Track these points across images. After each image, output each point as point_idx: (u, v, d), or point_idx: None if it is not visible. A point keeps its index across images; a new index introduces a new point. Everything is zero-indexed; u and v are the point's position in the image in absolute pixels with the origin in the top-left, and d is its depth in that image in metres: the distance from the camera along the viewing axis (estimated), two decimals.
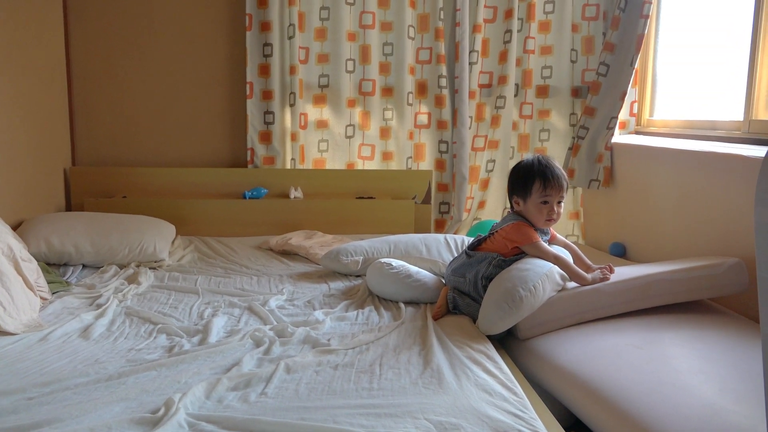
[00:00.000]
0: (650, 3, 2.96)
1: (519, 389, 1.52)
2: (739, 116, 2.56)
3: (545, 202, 2.08)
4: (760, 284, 0.97)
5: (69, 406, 1.41)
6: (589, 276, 2.05)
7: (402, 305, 2.15)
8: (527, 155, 3.47)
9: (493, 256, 2.09)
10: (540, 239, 2.09)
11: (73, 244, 2.61)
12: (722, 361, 1.65)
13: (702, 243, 2.46)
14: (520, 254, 2.09)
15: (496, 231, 2.16)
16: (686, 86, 3.06)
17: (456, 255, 2.37)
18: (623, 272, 2.10)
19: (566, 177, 2.13)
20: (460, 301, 2.08)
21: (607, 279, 2.04)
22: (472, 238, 2.28)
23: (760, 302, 0.97)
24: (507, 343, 2.03)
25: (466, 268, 2.14)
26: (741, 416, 1.36)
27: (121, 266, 2.61)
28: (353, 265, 2.53)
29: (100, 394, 1.47)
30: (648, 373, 1.59)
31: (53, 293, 2.22)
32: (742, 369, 1.59)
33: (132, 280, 2.43)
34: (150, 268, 2.60)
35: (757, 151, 2.23)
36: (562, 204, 2.13)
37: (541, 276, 1.94)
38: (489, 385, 1.53)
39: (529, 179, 2.09)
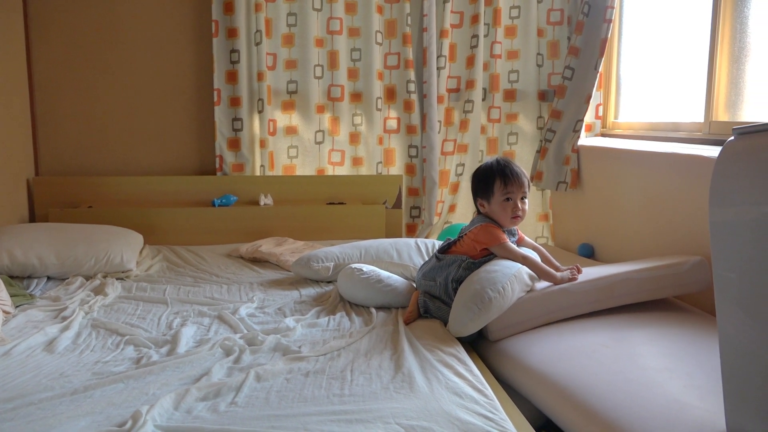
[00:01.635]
0: (613, 8, 3.02)
1: (489, 391, 1.53)
2: (700, 118, 2.62)
3: (508, 199, 2.11)
4: (716, 281, 1.00)
5: (33, 421, 1.37)
6: (558, 275, 2.08)
7: (373, 310, 2.15)
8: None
9: (463, 258, 2.11)
10: (507, 240, 2.11)
11: (37, 255, 2.55)
12: (687, 358, 1.68)
13: (667, 242, 2.51)
14: (489, 256, 2.10)
15: (465, 234, 2.17)
16: (649, 89, 3.12)
17: (427, 259, 2.38)
18: (590, 272, 2.13)
19: (527, 175, 2.17)
20: (431, 305, 2.09)
21: (575, 279, 2.07)
22: (443, 242, 2.29)
23: (717, 298, 0.99)
24: (478, 345, 2.04)
25: (437, 271, 2.15)
26: (705, 411, 1.39)
27: (87, 277, 2.56)
28: (324, 271, 2.53)
29: (66, 408, 1.44)
30: (615, 371, 1.62)
31: (16, 306, 2.17)
32: (707, 365, 1.62)
33: (98, 291, 2.39)
34: (117, 279, 2.55)
35: (716, 152, 2.28)
36: (527, 201, 2.15)
37: (510, 277, 1.96)
38: (459, 388, 1.53)
39: (490, 179, 2.13)
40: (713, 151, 2.31)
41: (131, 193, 3.23)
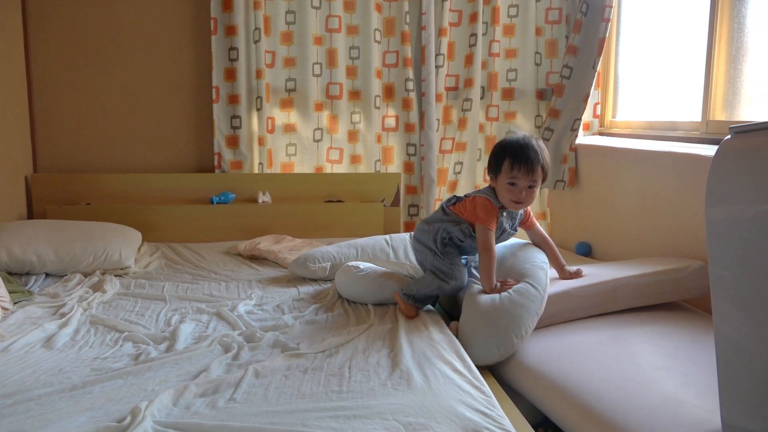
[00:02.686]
0: (611, 7, 3.03)
1: (487, 388, 1.54)
2: (698, 117, 2.63)
3: (513, 183, 2.00)
4: (712, 279, 1.00)
5: (32, 417, 1.38)
6: (490, 285, 2.00)
7: (371, 307, 2.16)
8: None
9: (464, 223, 2.10)
10: (493, 229, 2.05)
11: (36, 252, 2.56)
12: (685, 356, 1.69)
13: (664, 241, 2.52)
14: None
15: (470, 197, 2.13)
16: (647, 88, 3.13)
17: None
18: (592, 276, 2.13)
19: (542, 161, 1.99)
20: (415, 291, 2.06)
21: (503, 290, 1.96)
22: (450, 197, 2.26)
23: (713, 296, 1.00)
24: None
25: (436, 222, 2.15)
26: (701, 409, 1.40)
27: (86, 274, 2.57)
28: (321, 271, 2.53)
29: (65, 404, 1.44)
30: (613, 370, 1.63)
31: (15, 303, 2.17)
32: (704, 364, 1.63)
33: (97, 288, 2.39)
34: (115, 276, 2.56)
35: (713, 151, 2.29)
36: (535, 189, 2.02)
37: (533, 315, 1.89)
38: (457, 384, 1.54)
39: (501, 156, 2.01)
40: (710, 150, 2.32)
41: (130, 190, 3.23)
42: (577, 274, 2.11)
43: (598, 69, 3.11)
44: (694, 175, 2.33)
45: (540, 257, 2.12)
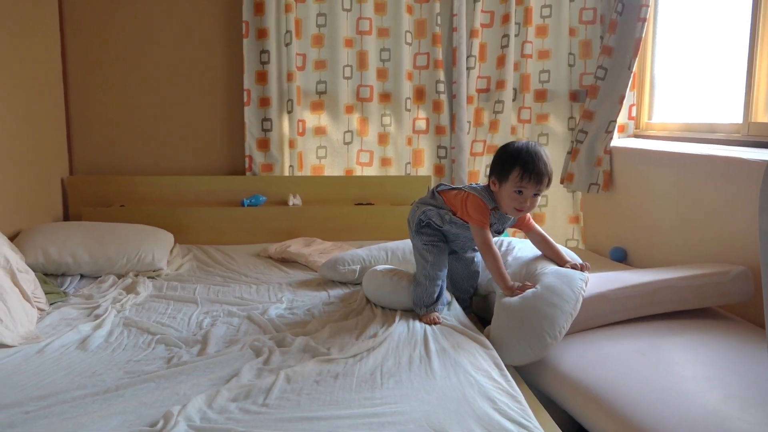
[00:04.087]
0: (647, 6, 2.96)
1: (521, 397, 1.51)
2: (739, 119, 2.56)
3: (520, 192, 1.99)
4: (765, 290, 0.96)
5: (66, 419, 1.39)
6: (509, 284, 1.99)
7: (398, 312, 2.14)
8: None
9: (449, 211, 2.13)
10: (488, 229, 2.06)
11: (71, 254, 2.59)
12: (727, 367, 1.63)
13: (702, 247, 2.45)
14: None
15: (463, 190, 2.13)
16: (685, 89, 3.05)
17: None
18: (629, 278, 2.08)
19: (550, 172, 2.01)
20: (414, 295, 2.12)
21: (523, 291, 1.94)
22: (444, 183, 2.28)
23: (766, 308, 0.96)
24: None
25: (425, 204, 2.20)
26: (747, 423, 1.34)
27: (119, 276, 2.59)
28: (350, 274, 2.52)
29: (98, 407, 1.45)
30: (652, 379, 1.58)
31: (51, 304, 2.21)
32: (748, 376, 1.57)
33: (130, 290, 2.41)
34: (148, 278, 2.58)
35: (756, 154, 2.23)
36: (539, 198, 2.04)
37: (567, 316, 1.86)
38: (492, 393, 1.51)
39: (510, 164, 2.00)
40: (753, 154, 2.25)
41: (162, 192, 3.26)
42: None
43: (633, 70, 3.04)
44: (736, 179, 2.26)
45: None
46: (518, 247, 2.29)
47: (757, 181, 2.08)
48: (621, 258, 3.02)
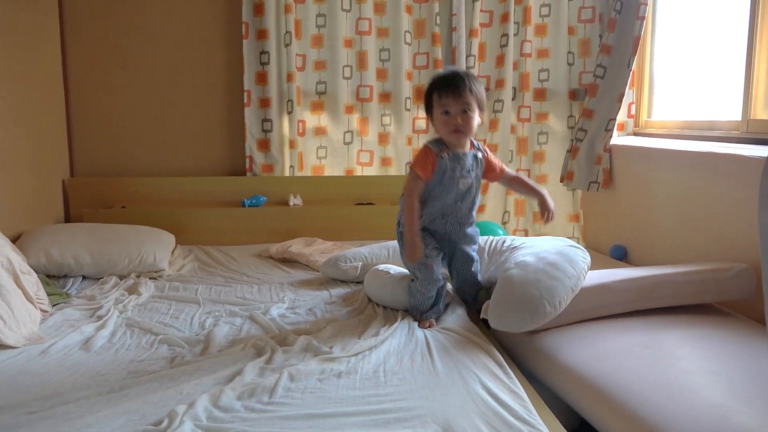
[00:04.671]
0: (646, 4, 2.97)
1: (524, 394, 1.52)
2: (738, 116, 2.56)
3: (446, 113, 1.95)
4: (765, 286, 0.97)
5: (71, 419, 1.39)
6: (411, 239, 1.97)
7: (400, 311, 2.14)
8: (525, 158, 3.49)
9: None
10: (422, 176, 1.98)
11: (73, 255, 2.60)
12: (730, 362, 1.64)
13: (702, 244, 2.45)
14: (435, 180, 2.02)
15: None
16: (684, 87, 3.06)
17: None
18: (632, 272, 2.09)
19: (473, 86, 1.94)
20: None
21: (416, 258, 1.98)
22: None
23: (766, 300, 0.96)
24: (511, 337, 2.01)
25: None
26: (750, 417, 1.35)
27: (121, 277, 2.60)
28: (352, 271, 2.52)
29: (103, 407, 1.45)
30: (655, 373, 1.58)
31: (53, 305, 2.21)
32: (750, 370, 1.58)
33: (132, 290, 2.42)
34: (150, 279, 2.58)
35: (756, 151, 2.23)
36: (471, 115, 1.95)
37: (568, 290, 1.88)
38: (495, 390, 1.52)
39: (429, 92, 2.00)
40: (752, 151, 2.25)
41: (163, 193, 3.27)
42: (547, 211, 2.06)
43: (632, 68, 3.05)
44: (736, 176, 2.26)
45: (580, 253, 2.08)
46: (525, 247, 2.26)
47: (757, 178, 2.08)
48: (621, 256, 3.02)
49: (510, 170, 2.14)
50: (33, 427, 1.36)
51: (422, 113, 3.41)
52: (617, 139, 3.21)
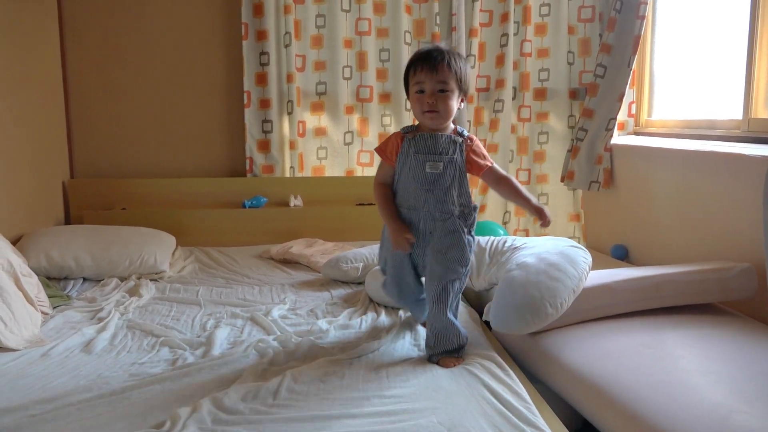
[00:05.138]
0: (646, 3, 2.96)
1: (527, 395, 1.52)
2: (738, 115, 2.56)
3: (421, 91, 1.71)
4: None
5: (72, 422, 1.39)
6: (393, 227, 1.77)
7: (401, 311, 2.14)
8: (525, 158, 3.49)
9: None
10: (385, 159, 1.81)
11: (73, 257, 2.59)
12: (731, 361, 1.63)
13: (703, 244, 2.45)
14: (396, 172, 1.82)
15: None
16: (684, 86, 3.05)
17: None
18: (634, 272, 2.09)
19: (453, 63, 1.70)
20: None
21: (405, 246, 1.75)
22: None
23: None
24: (513, 338, 2.00)
25: None
26: (752, 417, 1.34)
27: (122, 279, 2.59)
28: (353, 271, 2.52)
29: (104, 409, 1.45)
30: (657, 373, 1.58)
31: (54, 307, 2.21)
32: (752, 370, 1.58)
33: (133, 292, 2.42)
34: (151, 280, 2.58)
35: (757, 150, 2.23)
36: (449, 96, 1.70)
37: (570, 291, 1.88)
38: (497, 391, 1.52)
39: (407, 70, 1.77)
40: (753, 149, 2.25)
41: (163, 194, 3.26)
42: (541, 213, 1.75)
43: (633, 67, 3.05)
44: (737, 175, 2.26)
45: (581, 253, 2.08)
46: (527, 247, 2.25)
47: (758, 177, 2.08)
48: (622, 256, 3.02)
49: (500, 169, 1.82)
50: (34, 429, 1.36)
51: None
52: (618, 138, 3.21)
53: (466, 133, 1.80)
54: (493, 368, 1.65)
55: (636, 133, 3.32)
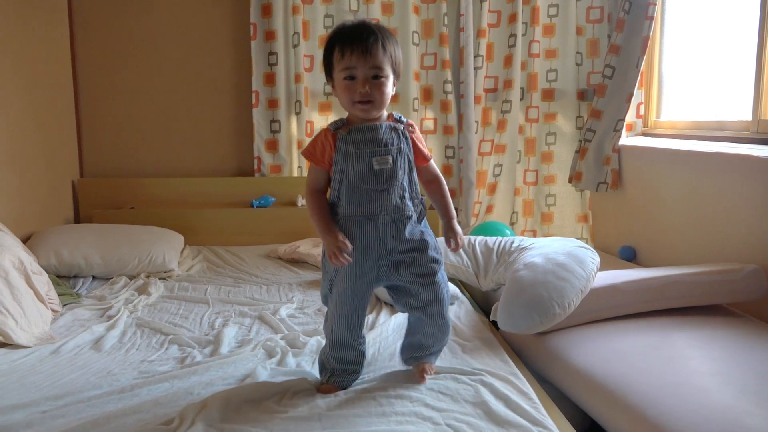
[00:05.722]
0: (655, 4, 2.96)
1: (534, 395, 1.52)
2: (748, 116, 2.55)
3: (351, 77, 1.46)
4: None
5: (82, 419, 1.40)
6: (326, 239, 1.48)
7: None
8: (533, 159, 3.48)
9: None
10: (314, 162, 1.53)
11: (83, 255, 2.61)
12: (740, 363, 1.63)
13: (712, 245, 2.44)
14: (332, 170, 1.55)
15: None
16: (693, 87, 3.04)
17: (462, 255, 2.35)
18: (641, 272, 2.08)
19: (387, 43, 1.47)
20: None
21: (341, 260, 1.45)
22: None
23: None
24: (520, 338, 2.00)
25: None
26: (762, 419, 1.34)
27: (131, 277, 2.61)
28: None
29: (114, 406, 1.46)
30: (666, 374, 1.57)
31: (64, 305, 2.22)
32: (761, 371, 1.57)
33: (142, 291, 2.43)
34: (160, 279, 2.60)
35: (766, 151, 2.22)
36: (384, 82, 1.47)
37: (577, 292, 1.87)
38: (505, 391, 1.51)
39: (329, 48, 1.50)
40: (762, 151, 2.24)
41: (172, 194, 3.28)
42: (455, 236, 1.60)
43: (641, 68, 3.04)
44: (746, 177, 2.25)
45: (589, 254, 2.08)
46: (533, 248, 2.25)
47: (767, 178, 2.07)
48: (630, 257, 3.01)
49: (435, 168, 1.65)
50: (45, 425, 1.37)
51: (431, 113, 3.41)
52: (626, 139, 3.20)
53: (404, 118, 1.58)
54: (501, 367, 1.65)
55: (644, 134, 3.31)
